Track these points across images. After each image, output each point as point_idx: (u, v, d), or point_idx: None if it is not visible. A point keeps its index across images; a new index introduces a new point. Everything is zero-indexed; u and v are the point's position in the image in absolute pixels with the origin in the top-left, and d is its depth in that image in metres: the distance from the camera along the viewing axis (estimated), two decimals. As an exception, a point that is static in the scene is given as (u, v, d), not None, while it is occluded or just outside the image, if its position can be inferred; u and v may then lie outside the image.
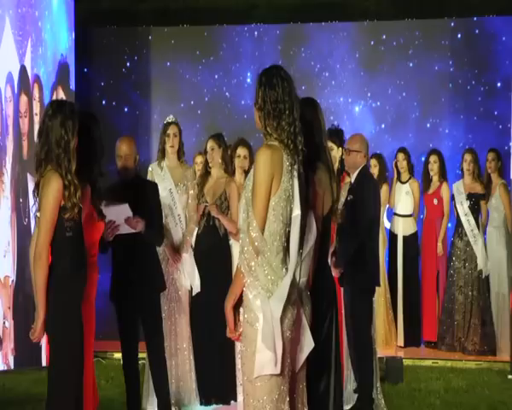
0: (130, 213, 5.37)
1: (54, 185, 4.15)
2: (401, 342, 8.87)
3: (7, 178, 7.69)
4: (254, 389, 3.52)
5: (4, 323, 7.59)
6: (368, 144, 6.28)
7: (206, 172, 6.73)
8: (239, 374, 6.52)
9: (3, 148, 7.70)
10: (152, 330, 5.69)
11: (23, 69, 7.99)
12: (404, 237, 8.95)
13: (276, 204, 3.53)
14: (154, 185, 5.98)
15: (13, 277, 7.70)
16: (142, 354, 6.03)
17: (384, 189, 8.72)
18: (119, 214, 5.34)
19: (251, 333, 3.50)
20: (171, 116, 6.71)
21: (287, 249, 3.56)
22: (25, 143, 7.95)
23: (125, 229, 5.39)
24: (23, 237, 7.66)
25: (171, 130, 6.59)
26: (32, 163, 4.49)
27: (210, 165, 6.72)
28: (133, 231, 5.43)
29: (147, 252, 5.70)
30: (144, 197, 5.60)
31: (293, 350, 3.61)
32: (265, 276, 3.50)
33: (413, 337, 8.91)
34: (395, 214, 9.08)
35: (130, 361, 5.66)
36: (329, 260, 4.50)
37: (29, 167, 7.67)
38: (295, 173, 3.59)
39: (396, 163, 9.07)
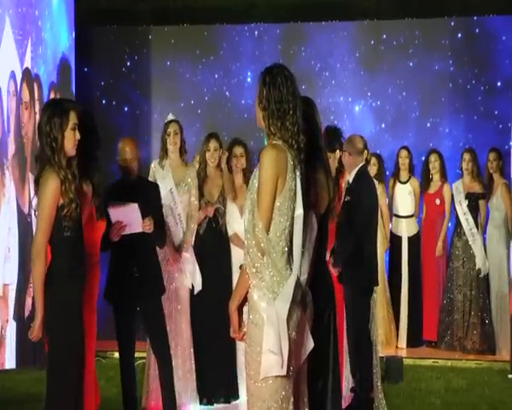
0: (139, 214, 5.34)
1: (51, 184, 4.15)
2: (403, 343, 8.87)
3: (8, 181, 7.68)
4: (259, 390, 3.51)
5: (2, 332, 7.59)
6: (365, 144, 6.28)
7: (204, 173, 6.74)
8: (240, 373, 6.53)
9: (4, 148, 7.70)
10: (157, 329, 5.67)
11: (26, 70, 8.00)
12: (409, 238, 8.96)
13: (281, 204, 3.52)
14: (156, 186, 5.97)
15: (15, 278, 7.71)
16: (142, 354, 6.03)
17: (380, 189, 8.69)
18: (127, 215, 5.31)
19: (256, 334, 3.49)
20: (171, 115, 6.69)
21: (291, 250, 3.55)
22: (26, 141, 7.96)
23: (132, 229, 5.37)
24: (25, 237, 7.67)
25: (172, 128, 6.57)
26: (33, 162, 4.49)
27: (212, 165, 6.72)
28: (139, 231, 5.41)
29: (148, 252, 5.68)
30: (146, 198, 5.58)
31: (297, 351, 3.60)
32: (271, 277, 3.49)
33: (416, 338, 8.92)
34: (396, 216, 9.07)
35: (127, 360, 5.66)
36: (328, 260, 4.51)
37: (31, 166, 7.70)
38: (298, 173, 3.59)
39: (397, 160, 9.05)
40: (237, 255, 6.53)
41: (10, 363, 7.67)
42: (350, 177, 6.09)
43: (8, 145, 7.75)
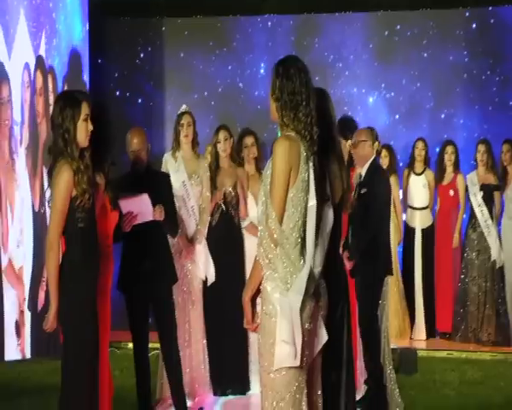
0: (149, 203, 5.35)
1: (63, 175, 4.15)
2: (421, 335, 8.86)
3: (19, 168, 7.71)
4: (273, 381, 3.51)
5: (22, 313, 7.64)
6: (376, 136, 6.25)
7: (217, 164, 6.75)
8: (253, 365, 6.54)
9: (15, 136, 7.72)
10: (165, 321, 5.67)
11: (40, 59, 8.03)
12: (423, 230, 8.94)
13: (294, 195, 3.52)
14: (167, 176, 5.98)
15: (29, 265, 7.76)
16: (157, 344, 6.04)
17: (393, 180, 8.64)
18: (137, 206, 5.31)
19: (269, 325, 3.49)
20: (185, 106, 6.70)
21: (304, 241, 3.55)
22: (40, 131, 7.99)
23: (143, 218, 5.35)
24: (39, 225, 7.71)
25: (185, 119, 6.57)
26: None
27: (223, 155, 6.75)
28: (149, 219, 5.42)
29: (160, 243, 5.68)
30: (157, 188, 5.58)
31: (311, 342, 3.60)
32: (284, 268, 3.50)
33: (429, 330, 8.91)
34: (410, 207, 9.04)
35: (141, 351, 5.67)
36: (341, 252, 4.50)
37: (43, 156, 7.73)
38: (311, 164, 3.59)
39: (413, 151, 9.01)
40: (250, 247, 6.54)
41: (26, 352, 7.73)
42: (363, 169, 6.07)
43: (21, 134, 7.78)
